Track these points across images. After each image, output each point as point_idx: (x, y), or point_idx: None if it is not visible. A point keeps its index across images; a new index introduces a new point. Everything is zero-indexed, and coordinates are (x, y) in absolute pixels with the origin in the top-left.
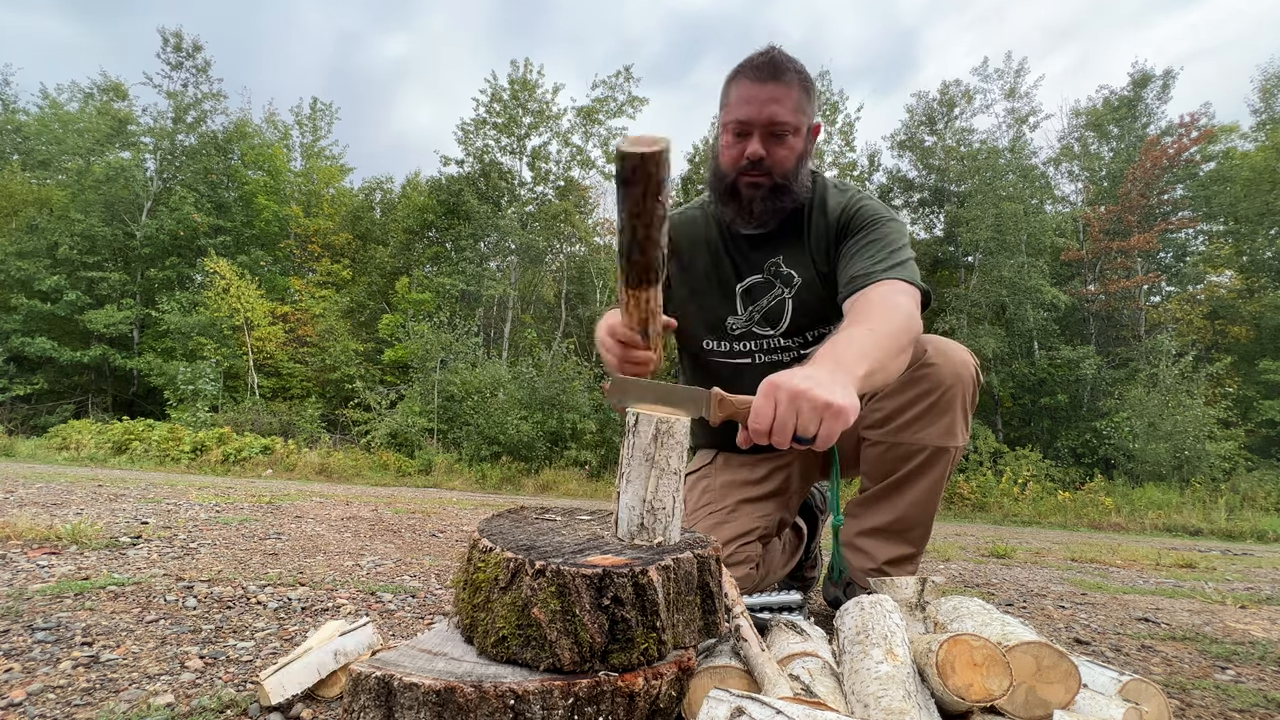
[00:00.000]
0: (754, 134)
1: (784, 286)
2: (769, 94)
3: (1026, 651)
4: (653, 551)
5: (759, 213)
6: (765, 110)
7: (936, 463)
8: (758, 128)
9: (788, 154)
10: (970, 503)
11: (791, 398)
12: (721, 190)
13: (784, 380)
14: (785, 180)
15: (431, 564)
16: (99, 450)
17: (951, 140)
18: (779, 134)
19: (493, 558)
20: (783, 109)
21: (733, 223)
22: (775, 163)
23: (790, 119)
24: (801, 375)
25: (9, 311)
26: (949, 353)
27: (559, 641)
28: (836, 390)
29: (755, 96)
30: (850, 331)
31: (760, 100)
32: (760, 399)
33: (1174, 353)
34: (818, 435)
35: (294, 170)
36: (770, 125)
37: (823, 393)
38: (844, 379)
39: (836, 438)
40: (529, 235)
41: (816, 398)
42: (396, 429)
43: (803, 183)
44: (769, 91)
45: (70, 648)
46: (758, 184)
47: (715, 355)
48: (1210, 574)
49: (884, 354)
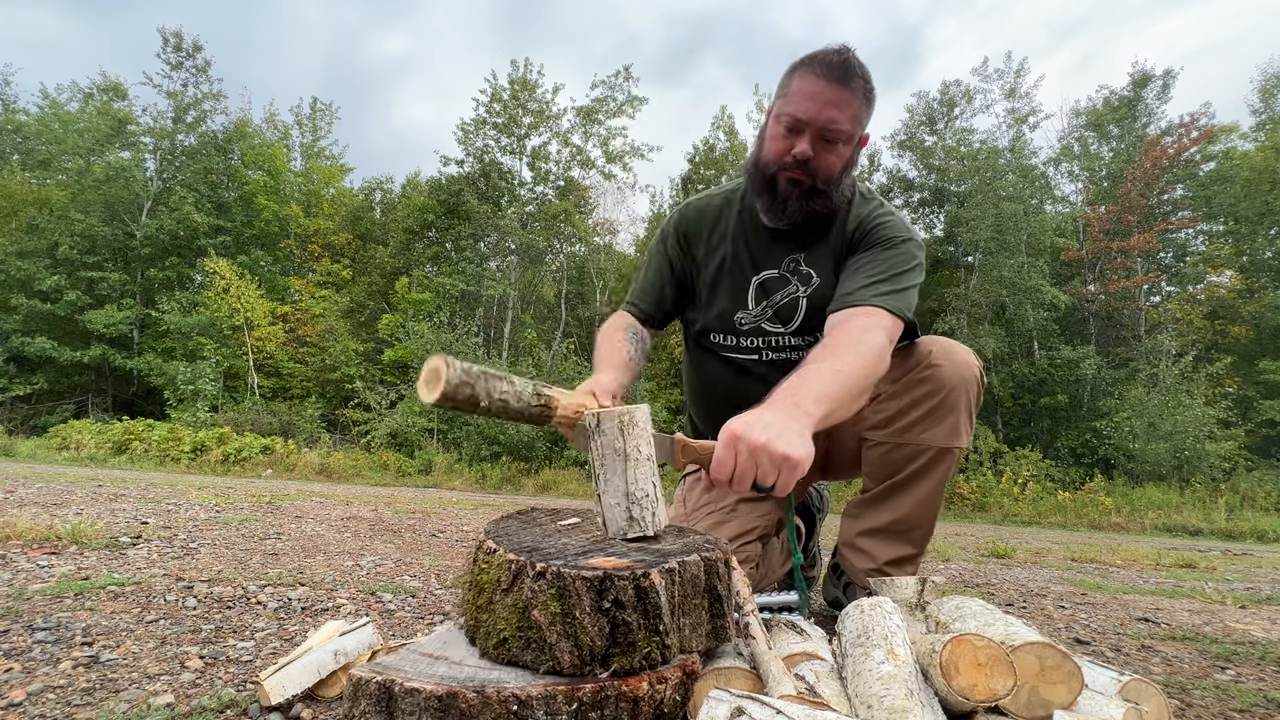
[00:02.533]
0: (806, 133)
1: (801, 285)
2: (832, 96)
3: (1030, 652)
4: (658, 554)
5: (792, 211)
6: (825, 113)
7: (940, 464)
8: (812, 128)
9: (835, 160)
10: (970, 503)
11: (751, 451)
12: (759, 180)
13: (744, 432)
14: (826, 186)
15: (431, 564)
16: (99, 450)
17: (951, 140)
18: (831, 139)
19: (496, 559)
20: (842, 115)
21: (763, 214)
22: (821, 167)
23: (847, 127)
24: (761, 425)
25: (9, 311)
26: (953, 354)
27: (559, 644)
28: (794, 441)
29: (818, 95)
30: (818, 368)
31: (822, 101)
32: (721, 449)
33: (1174, 353)
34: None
35: (294, 170)
36: (826, 129)
37: (780, 445)
38: (801, 425)
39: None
40: (529, 235)
41: (775, 451)
42: (396, 429)
43: (842, 192)
44: (833, 94)
45: (70, 648)
46: (797, 181)
47: (722, 350)
48: (1210, 574)
49: (845, 395)
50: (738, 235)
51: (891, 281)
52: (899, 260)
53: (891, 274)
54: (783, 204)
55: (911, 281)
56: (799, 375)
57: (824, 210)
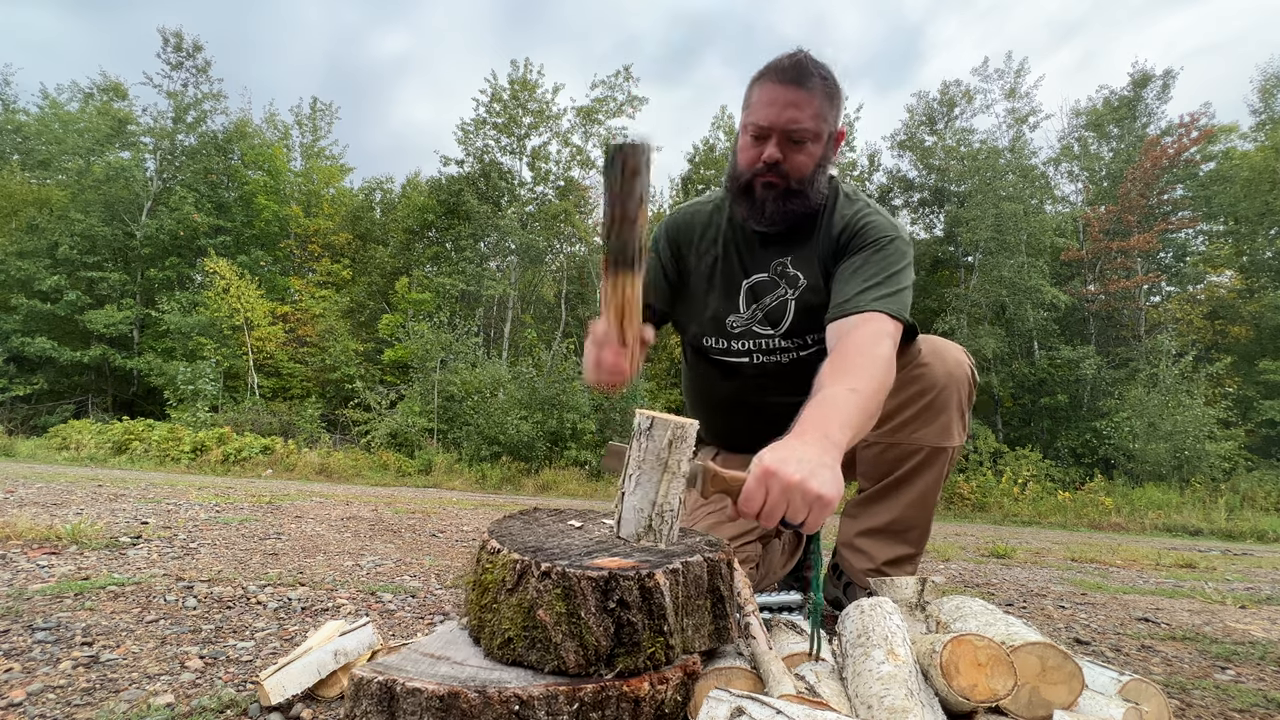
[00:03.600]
0: (772, 138)
1: (789, 287)
2: (790, 98)
3: (1031, 652)
4: (662, 555)
5: (770, 213)
6: (785, 115)
7: (934, 463)
8: (776, 132)
9: (805, 160)
10: (970, 503)
11: (785, 489)
12: (736, 189)
13: (779, 468)
14: (800, 186)
15: (431, 564)
16: (99, 450)
17: (951, 140)
18: (797, 140)
19: (500, 559)
20: (803, 115)
21: (745, 221)
22: (792, 168)
23: (810, 125)
24: (795, 461)
25: (9, 311)
26: (943, 353)
27: (564, 644)
28: (827, 479)
29: (776, 100)
30: (835, 391)
31: (781, 104)
32: (753, 481)
33: (1174, 353)
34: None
35: (294, 170)
36: (789, 130)
37: (815, 485)
38: (833, 458)
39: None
40: (529, 235)
41: (809, 490)
42: (396, 429)
43: (818, 189)
44: (791, 96)
45: (70, 648)
46: (772, 185)
47: (714, 353)
48: (1210, 574)
49: (865, 417)
50: (728, 240)
51: (887, 284)
52: (891, 261)
53: (886, 275)
54: (761, 207)
55: (905, 282)
56: (821, 401)
57: (802, 209)
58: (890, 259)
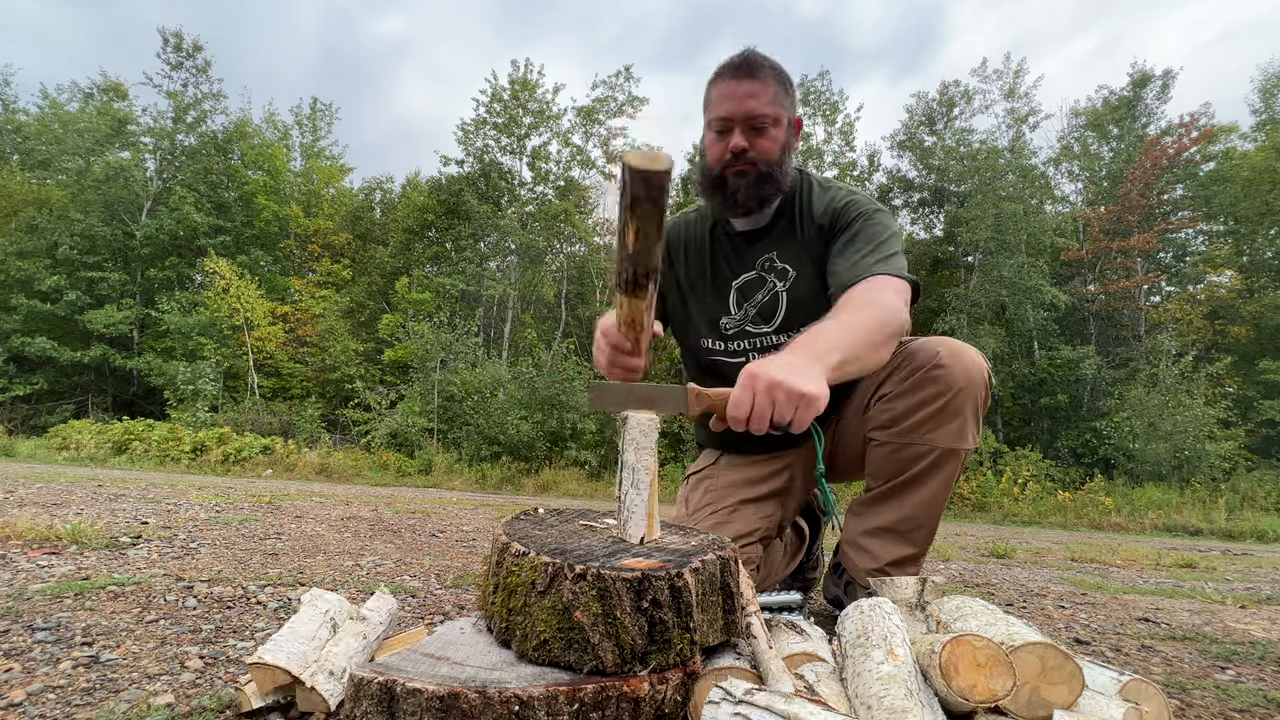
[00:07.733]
0: (735, 129)
1: (778, 280)
2: (746, 90)
3: (1032, 652)
4: (681, 554)
5: (744, 200)
6: (744, 105)
7: (945, 464)
8: (738, 122)
9: (770, 144)
10: (970, 503)
11: (769, 388)
12: (709, 184)
13: (761, 370)
14: (769, 169)
15: (431, 564)
16: (99, 450)
17: (951, 140)
18: (759, 126)
19: (528, 561)
20: (759, 103)
21: (723, 215)
22: (759, 153)
23: (769, 111)
24: (777, 365)
25: (9, 311)
26: (961, 355)
27: (601, 644)
28: (810, 379)
29: (734, 93)
30: (824, 324)
31: (739, 96)
32: (739, 389)
33: (1174, 353)
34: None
35: (294, 170)
36: (750, 119)
37: (797, 381)
38: (817, 368)
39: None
40: (529, 235)
41: (792, 388)
42: (396, 429)
43: (787, 171)
44: (746, 88)
45: (70, 648)
46: (743, 173)
47: (712, 354)
48: (1210, 574)
49: (857, 345)
50: (714, 245)
51: (879, 250)
52: (878, 231)
53: (876, 243)
54: (734, 196)
55: (896, 247)
56: (810, 330)
57: (773, 193)
58: (878, 229)
